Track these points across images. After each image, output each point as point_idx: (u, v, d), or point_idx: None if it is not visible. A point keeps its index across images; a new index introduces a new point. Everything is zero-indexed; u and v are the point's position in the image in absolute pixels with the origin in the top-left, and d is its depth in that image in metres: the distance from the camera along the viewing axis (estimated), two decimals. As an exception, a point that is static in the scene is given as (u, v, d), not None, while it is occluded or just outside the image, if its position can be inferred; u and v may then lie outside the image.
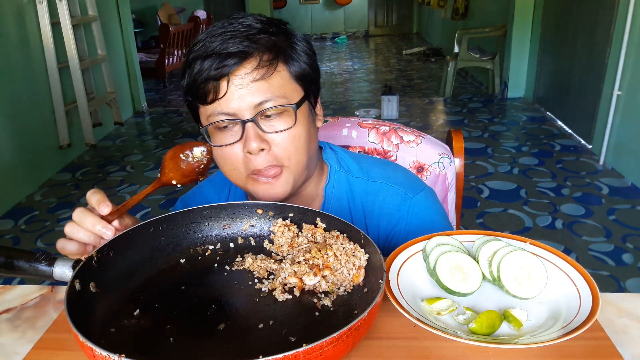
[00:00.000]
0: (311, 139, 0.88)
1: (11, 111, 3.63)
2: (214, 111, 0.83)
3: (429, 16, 9.93)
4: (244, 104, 0.81)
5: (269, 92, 0.81)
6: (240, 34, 0.81)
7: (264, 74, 0.81)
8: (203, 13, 8.19)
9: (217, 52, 0.80)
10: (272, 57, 0.82)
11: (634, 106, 3.50)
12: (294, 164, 0.86)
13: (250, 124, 0.81)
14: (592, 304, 0.66)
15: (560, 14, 4.82)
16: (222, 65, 0.79)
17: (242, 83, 0.80)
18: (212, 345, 0.62)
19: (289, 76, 0.84)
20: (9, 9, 3.67)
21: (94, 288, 0.67)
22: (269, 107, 0.81)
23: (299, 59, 0.85)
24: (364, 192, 0.97)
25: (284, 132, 0.83)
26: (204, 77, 0.81)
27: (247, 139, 0.82)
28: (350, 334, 0.56)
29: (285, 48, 0.84)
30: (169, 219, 0.80)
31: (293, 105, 0.83)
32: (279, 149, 0.84)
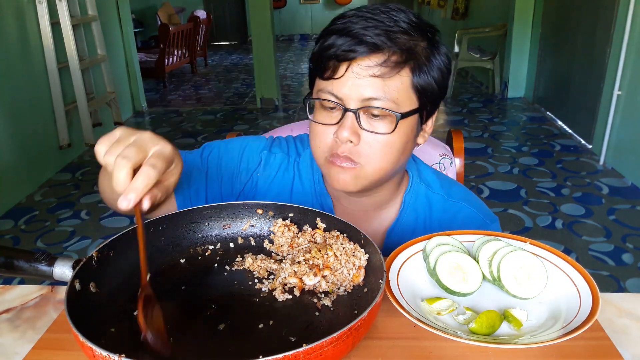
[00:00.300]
0: (404, 152, 0.86)
1: (11, 111, 3.63)
2: (325, 88, 0.82)
3: (429, 16, 9.92)
4: (354, 93, 0.80)
5: (381, 91, 0.80)
6: (383, 25, 0.80)
7: (384, 73, 0.79)
8: (203, 13, 8.19)
9: (353, 35, 0.79)
10: (401, 60, 0.80)
11: (634, 106, 3.50)
12: (372, 168, 0.84)
13: (351, 114, 0.81)
14: (592, 304, 0.66)
15: (560, 14, 4.82)
16: (350, 50, 0.79)
17: (361, 73, 0.79)
18: (212, 345, 0.62)
19: (409, 84, 0.82)
20: (9, 9, 3.67)
21: (94, 288, 0.67)
22: (374, 106, 0.80)
23: (429, 72, 0.83)
24: (442, 210, 0.97)
25: (378, 136, 0.82)
26: (330, 54, 0.80)
27: (341, 126, 0.81)
28: (350, 334, 0.56)
29: (420, 56, 0.82)
30: (168, 219, 0.80)
31: (397, 114, 0.80)
32: (365, 148, 0.83)
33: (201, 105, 6.23)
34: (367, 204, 0.97)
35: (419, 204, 0.97)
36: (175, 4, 9.15)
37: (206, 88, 7.30)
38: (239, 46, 10.89)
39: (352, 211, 0.98)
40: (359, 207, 0.98)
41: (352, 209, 0.98)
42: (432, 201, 0.97)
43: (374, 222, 0.99)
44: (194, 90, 7.15)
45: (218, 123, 5.42)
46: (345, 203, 0.98)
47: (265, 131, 1.43)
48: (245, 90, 6.93)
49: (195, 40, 7.81)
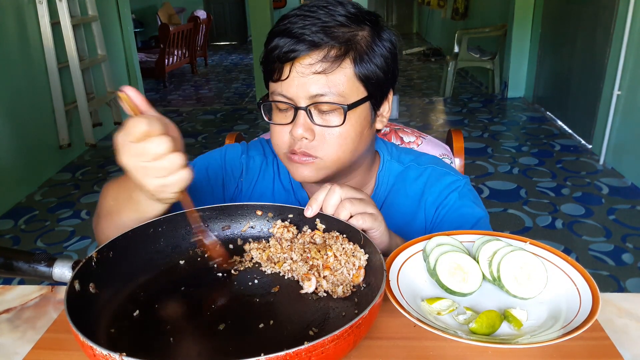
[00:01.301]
0: (361, 140, 0.89)
1: (11, 111, 3.63)
2: (276, 90, 0.86)
3: (429, 16, 9.93)
4: (301, 92, 0.83)
5: (326, 86, 0.82)
6: (320, 23, 0.82)
7: (325, 69, 0.81)
8: (203, 13, 8.19)
9: (292, 35, 0.82)
10: (341, 53, 0.82)
11: (634, 106, 3.50)
12: (331, 159, 0.87)
13: (302, 112, 0.84)
14: (592, 304, 0.66)
15: (560, 14, 4.82)
16: (290, 50, 0.81)
17: (304, 72, 0.82)
18: (213, 345, 0.62)
19: (353, 75, 0.84)
20: (9, 9, 3.67)
21: (94, 289, 0.67)
22: (321, 102, 0.83)
23: (372, 60, 0.84)
24: (415, 177, 1.00)
25: (331, 129, 0.85)
26: (273, 56, 0.83)
27: (295, 125, 0.84)
28: (351, 332, 0.56)
29: (360, 46, 0.83)
30: (168, 221, 0.80)
31: (344, 106, 0.83)
32: (320, 143, 0.85)
33: (201, 105, 6.23)
34: None
35: (392, 179, 1.00)
36: (176, 4, 9.15)
37: (206, 88, 7.30)
38: (239, 46, 10.88)
39: None
40: None
41: None
42: (405, 174, 1.01)
43: None
44: (194, 90, 7.15)
45: (218, 123, 5.42)
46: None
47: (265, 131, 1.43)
48: (245, 90, 6.93)
49: (195, 40, 7.81)
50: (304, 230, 0.80)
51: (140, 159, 0.62)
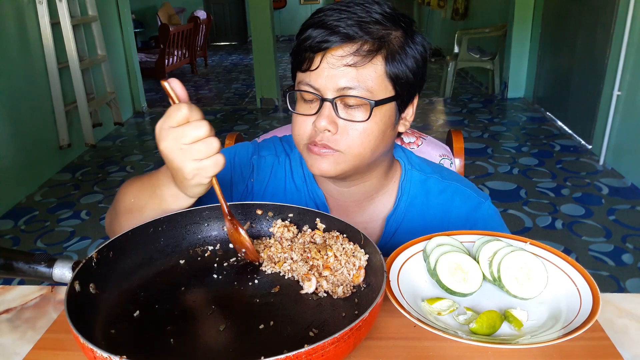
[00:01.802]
0: (383, 140, 0.88)
1: (11, 111, 3.63)
2: (303, 80, 0.85)
3: (429, 16, 9.93)
4: (330, 84, 0.83)
5: (355, 80, 0.82)
6: (356, 17, 0.82)
7: (356, 62, 0.81)
8: (203, 13, 8.20)
9: (327, 27, 0.82)
10: (374, 49, 0.82)
11: (634, 106, 3.50)
12: (352, 154, 0.86)
13: (328, 104, 0.84)
14: (592, 304, 0.66)
15: (560, 14, 4.82)
16: (324, 40, 0.81)
17: (335, 63, 0.82)
18: (213, 346, 0.62)
19: (383, 73, 0.84)
20: (9, 9, 3.67)
21: (94, 289, 0.67)
22: (349, 95, 0.82)
23: (403, 60, 0.85)
24: (438, 191, 0.99)
25: (355, 124, 0.84)
26: (305, 46, 0.83)
27: (319, 116, 0.84)
28: (351, 334, 0.56)
29: (393, 45, 0.84)
30: (168, 220, 0.80)
31: (372, 102, 0.83)
32: (343, 136, 0.85)
33: (201, 106, 6.23)
34: (358, 193, 0.99)
35: (414, 189, 1.00)
36: (176, 5, 9.15)
37: (206, 88, 7.30)
38: (239, 46, 10.89)
39: (345, 203, 1.00)
40: (351, 198, 1.00)
41: (345, 200, 1.00)
42: (427, 185, 1.00)
43: (368, 212, 1.01)
44: (194, 90, 7.15)
45: (218, 123, 5.42)
46: (337, 196, 1.00)
47: (266, 131, 1.43)
48: (245, 91, 6.93)
49: (195, 41, 7.81)
50: (304, 230, 0.80)
51: (180, 141, 0.67)
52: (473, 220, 0.98)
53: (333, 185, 0.98)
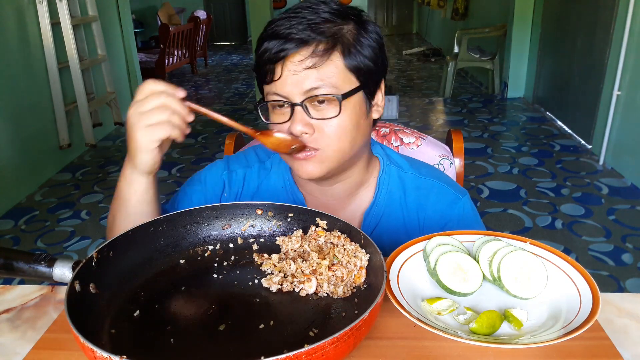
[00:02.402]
0: (359, 130, 0.90)
1: (11, 111, 3.63)
2: (270, 91, 0.88)
3: (429, 16, 9.93)
4: (295, 89, 0.85)
5: (319, 80, 0.84)
6: (306, 21, 0.84)
7: (315, 63, 0.84)
8: (203, 13, 8.19)
9: (281, 36, 0.84)
10: (329, 47, 0.84)
11: (633, 106, 3.50)
12: (333, 150, 0.88)
13: (299, 108, 0.86)
14: (592, 304, 0.66)
15: (560, 14, 4.82)
16: (280, 50, 0.84)
17: (296, 69, 0.84)
18: (213, 346, 0.62)
19: (343, 67, 0.86)
20: (9, 9, 3.67)
21: (94, 289, 0.67)
22: (316, 95, 0.85)
23: (360, 51, 0.87)
24: (415, 187, 1.01)
25: (329, 120, 0.86)
26: (265, 59, 0.86)
27: (293, 122, 0.86)
28: (351, 334, 0.56)
29: (348, 39, 0.86)
30: (168, 220, 0.80)
31: (339, 96, 0.85)
32: (320, 135, 0.87)
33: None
34: (340, 191, 1.00)
35: (392, 185, 1.01)
36: (176, 5, 9.15)
37: (206, 88, 7.30)
38: (239, 46, 10.88)
39: (326, 201, 1.02)
40: (332, 196, 1.01)
41: (326, 199, 1.02)
42: (405, 181, 1.02)
43: (349, 208, 1.02)
44: (194, 90, 7.15)
45: (218, 123, 5.41)
46: (317, 195, 1.02)
47: (265, 131, 1.43)
48: (245, 90, 6.93)
49: (195, 41, 7.81)
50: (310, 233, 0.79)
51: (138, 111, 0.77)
52: (448, 217, 0.99)
53: (315, 185, 1.00)
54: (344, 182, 0.99)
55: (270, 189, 1.04)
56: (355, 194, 1.02)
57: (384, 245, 0.86)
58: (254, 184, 1.05)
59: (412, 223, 1.00)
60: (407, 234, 1.00)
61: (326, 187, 0.99)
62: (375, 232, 1.00)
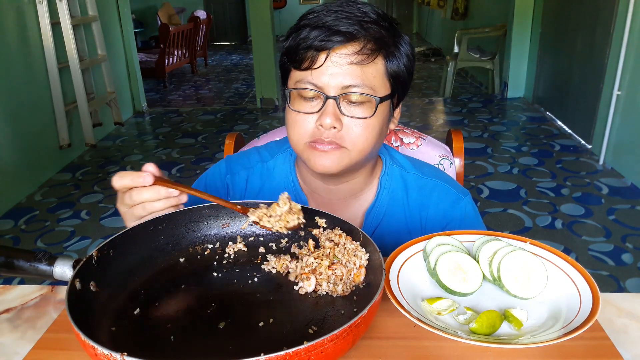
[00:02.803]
0: (381, 135, 0.91)
1: (11, 111, 3.63)
2: (304, 79, 0.86)
3: (429, 16, 9.93)
4: (334, 81, 0.84)
5: (359, 78, 0.84)
6: (354, 17, 0.84)
7: (361, 60, 0.83)
8: (203, 13, 8.19)
9: (328, 26, 0.83)
10: (375, 48, 0.84)
11: (634, 106, 3.50)
12: (356, 150, 0.88)
13: (332, 101, 0.84)
14: (592, 304, 0.66)
15: (560, 14, 4.82)
16: (328, 39, 0.82)
17: (339, 62, 0.83)
18: (213, 343, 0.62)
19: (384, 71, 0.86)
20: (9, 9, 3.67)
21: (95, 287, 0.67)
22: (354, 92, 0.84)
23: (399, 59, 0.88)
24: (418, 187, 1.01)
25: (360, 120, 0.86)
26: (307, 44, 0.84)
27: (324, 113, 0.85)
28: (350, 332, 0.56)
29: (390, 45, 0.86)
30: (168, 218, 0.80)
31: (377, 98, 0.85)
32: (348, 133, 0.86)
33: (201, 105, 6.23)
34: (343, 191, 1.00)
35: (394, 185, 1.01)
36: (176, 4, 9.15)
37: (206, 88, 7.30)
38: (239, 46, 10.89)
39: (329, 201, 1.02)
40: (335, 195, 1.01)
41: (329, 198, 1.02)
42: (407, 181, 1.02)
43: (351, 208, 1.02)
44: (194, 90, 7.15)
45: (218, 123, 5.42)
46: (321, 193, 1.02)
47: (265, 131, 1.43)
48: (245, 90, 6.93)
49: (195, 41, 7.81)
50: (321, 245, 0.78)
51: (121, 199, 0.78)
52: (450, 217, 0.99)
53: (321, 183, 0.99)
54: (349, 183, 0.99)
55: (273, 189, 1.04)
56: (358, 194, 1.02)
57: (385, 245, 0.86)
58: (257, 185, 1.05)
59: (414, 223, 1.00)
60: (409, 233, 1.00)
61: (331, 185, 0.99)
62: (377, 232, 1.00)
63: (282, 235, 0.83)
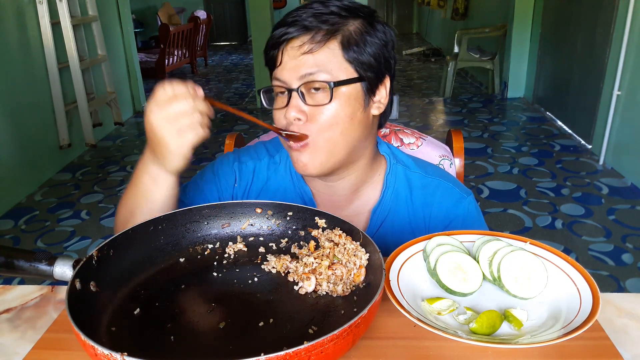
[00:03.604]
0: (352, 122, 0.89)
1: (11, 111, 3.63)
2: (274, 76, 0.91)
3: (429, 16, 9.93)
4: (293, 74, 0.87)
5: (314, 66, 0.86)
6: (313, 11, 0.88)
7: (312, 48, 0.86)
8: (203, 13, 8.19)
9: (287, 23, 0.88)
10: (327, 34, 0.86)
11: (634, 106, 3.50)
12: (323, 139, 0.88)
13: (295, 93, 0.87)
14: (592, 304, 0.66)
15: (560, 14, 4.82)
16: (283, 34, 0.87)
17: (294, 54, 0.86)
18: (213, 343, 0.62)
19: (342, 56, 0.87)
20: (9, 9, 3.67)
21: (95, 287, 0.67)
22: (309, 80, 0.86)
23: (361, 45, 0.88)
24: (422, 186, 1.02)
25: (321, 108, 0.87)
26: (270, 44, 0.90)
27: (288, 106, 0.88)
28: (350, 332, 0.56)
29: (349, 31, 0.87)
30: (168, 218, 0.80)
31: (330, 83, 0.86)
32: (312, 123, 0.88)
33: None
34: (344, 187, 1.01)
35: (399, 183, 1.02)
36: (176, 4, 9.15)
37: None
38: (239, 46, 10.88)
39: (332, 196, 1.02)
40: (337, 192, 1.02)
41: (332, 194, 1.02)
42: (411, 180, 1.03)
43: (355, 205, 1.03)
44: (194, 90, 7.14)
45: (218, 123, 5.42)
46: (324, 191, 1.03)
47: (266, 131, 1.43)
48: (245, 91, 6.93)
49: (195, 41, 7.81)
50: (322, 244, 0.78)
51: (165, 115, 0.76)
52: (453, 215, 1.00)
53: (320, 181, 1.01)
54: (347, 179, 0.99)
55: (279, 183, 1.04)
56: (360, 191, 1.02)
57: (389, 243, 0.87)
58: (263, 177, 1.06)
59: (418, 221, 1.01)
60: (412, 232, 1.00)
61: (330, 182, 1.00)
62: (381, 230, 1.01)
63: (282, 235, 0.84)
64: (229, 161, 1.07)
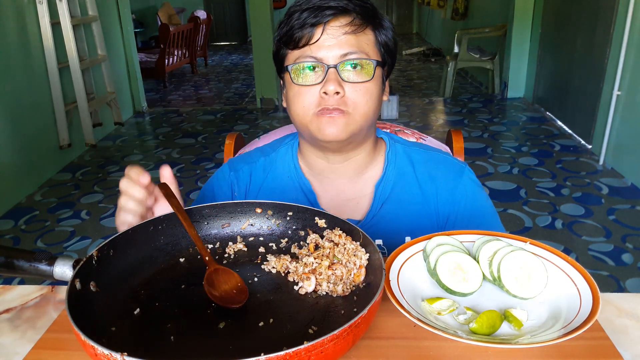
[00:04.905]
0: (379, 102, 0.97)
1: (11, 111, 3.63)
2: (303, 54, 0.92)
3: (429, 16, 9.93)
4: (332, 52, 0.90)
5: (355, 46, 0.91)
6: None
7: (355, 30, 0.91)
8: (203, 13, 8.19)
9: (317, 7, 0.90)
10: (364, 19, 0.92)
11: (634, 106, 3.50)
12: (359, 114, 0.93)
13: (333, 69, 0.90)
14: (592, 304, 0.66)
15: (560, 14, 4.82)
16: (321, 15, 0.89)
17: (335, 33, 0.90)
18: (213, 343, 0.62)
19: (375, 41, 0.94)
20: (9, 9, 3.67)
21: (95, 287, 0.67)
22: (352, 58, 0.90)
23: (385, 31, 0.96)
24: (423, 161, 1.07)
25: (360, 84, 0.92)
26: (301, 23, 0.91)
27: (327, 82, 0.90)
28: (350, 332, 0.56)
29: (375, 18, 0.95)
30: (168, 219, 0.80)
31: (374, 61, 0.92)
32: (350, 98, 0.92)
33: (201, 106, 6.23)
34: (349, 169, 1.03)
35: (400, 160, 1.06)
36: (176, 5, 9.15)
37: (206, 88, 7.30)
38: (239, 46, 10.89)
39: (335, 180, 1.05)
40: (341, 175, 1.04)
41: (335, 177, 1.04)
42: (411, 155, 1.07)
43: (358, 185, 1.05)
44: (194, 90, 7.15)
45: (218, 123, 5.42)
46: (327, 174, 1.05)
47: (266, 131, 1.43)
48: (245, 90, 6.93)
49: (195, 41, 7.81)
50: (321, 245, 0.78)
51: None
52: (460, 184, 1.04)
53: (326, 164, 1.03)
54: (352, 160, 1.02)
55: (277, 179, 1.07)
56: (364, 172, 1.05)
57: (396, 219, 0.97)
58: (261, 177, 1.08)
59: (428, 191, 1.04)
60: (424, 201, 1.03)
61: (336, 164, 1.02)
62: (387, 206, 1.03)
63: (282, 235, 0.84)
64: (225, 173, 1.10)
